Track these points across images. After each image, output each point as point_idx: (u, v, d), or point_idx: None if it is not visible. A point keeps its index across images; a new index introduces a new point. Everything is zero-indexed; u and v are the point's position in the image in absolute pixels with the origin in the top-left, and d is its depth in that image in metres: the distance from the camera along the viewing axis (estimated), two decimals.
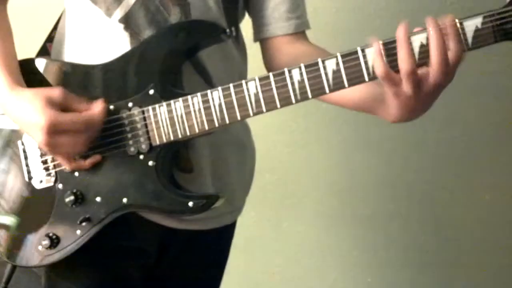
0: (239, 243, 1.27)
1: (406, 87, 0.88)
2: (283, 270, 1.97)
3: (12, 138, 1.08)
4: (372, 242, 1.94)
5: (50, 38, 1.18)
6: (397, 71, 0.89)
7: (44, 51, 1.17)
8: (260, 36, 1.16)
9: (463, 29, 0.87)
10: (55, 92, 0.98)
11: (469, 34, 0.87)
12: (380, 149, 1.87)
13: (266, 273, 1.97)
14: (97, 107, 0.99)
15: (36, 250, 1.05)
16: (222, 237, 1.22)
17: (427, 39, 0.87)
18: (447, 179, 1.89)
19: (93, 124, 0.99)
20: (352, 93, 1.02)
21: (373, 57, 0.89)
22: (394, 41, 0.89)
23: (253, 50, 1.19)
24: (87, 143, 0.99)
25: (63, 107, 0.98)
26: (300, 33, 1.15)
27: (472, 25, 0.86)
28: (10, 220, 1.07)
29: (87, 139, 0.99)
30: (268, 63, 1.17)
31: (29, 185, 1.06)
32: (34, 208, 1.06)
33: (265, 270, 1.97)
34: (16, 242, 1.07)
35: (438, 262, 1.92)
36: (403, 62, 0.87)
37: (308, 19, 1.17)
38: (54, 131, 0.96)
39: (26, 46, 1.13)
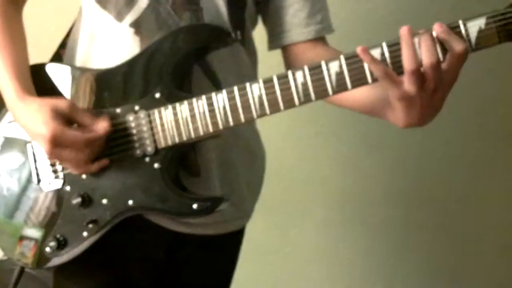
0: (247, 250, 1.26)
1: (409, 87, 0.87)
2: (291, 277, 1.95)
3: (22, 143, 1.09)
4: (382, 249, 1.92)
5: (63, 44, 1.20)
6: (400, 73, 0.88)
7: (57, 57, 1.19)
8: (280, 43, 1.16)
9: (466, 29, 0.86)
10: (63, 104, 1.00)
11: (473, 35, 0.86)
12: (390, 155, 1.85)
13: (274, 281, 1.96)
14: (100, 126, 1.00)
15: (43, 252, 1.06)
16: (231, 243, 1.22)
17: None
18: (459, 186, 1.86)
19: (95, 143, 1.00)
20: (361, 97, 1.02)
21: (368, 65, 0.88)
22: (398, 43, 0.89)
23: (260, 55, 1.20)
24: (90, 158, 1.01)
25: (68, 119, 0.99)
26: (320, 38, 1.15)
27: (475, 25, 0.86)
28: (18, 222, 1.09)
29: (89, 155, 1.01)
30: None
31: (38, 188, 1.08)
32: (42, 210, 1.08)
33: (273, 277, 1.96)
34: (23, 247, 1.08)
35: (450, 270, 1.90)
36: (406, 61, 0.86)
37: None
38: (57, 144, 0.98)
39: (40, 53, 1.15)
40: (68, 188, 1.06)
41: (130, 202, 1.03)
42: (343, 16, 1.71)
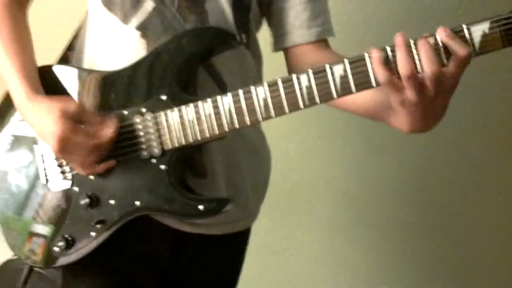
0: (252, 250, 1.27)
1: (409, 93, 0.88)
2: (296, 278, 1.96)
3: (30, 142, 1.10)
4: (386, 250, 1.92)
5: (70, 47, 1.21)
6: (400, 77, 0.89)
7: (64, 60, 1.20)
8: (282, 45, 1.16)
9: (470, 34, 0.86)
10: (71, 106, 1.01)
11: (477, 39, 0.86)
12: (393, 156, 1.86)
13: (279, 281, 1.97)
14: (106, 132, 1.01)
15: (52, 252, 1.08)
16: (236, 243, 1.23)
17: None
18: (462, 187, 1.87)
19: (103, 144, 1.01)
20: (364, 101, 1.02)
21: (373, 66, 0.89)
22: None
23: (265, 57, 1.21)
24: (98, 158, 1.02)
25: (77, 120, 1.00)
26: (322, 40, 1.15)
27: (479, 30, 0.86)
28: (27, 219, 1.10)
29: (98, 155, 1.02)
30: (292, 72, 1.18)
31: (46, 188, 1.09)
32: (50, 208, 1.09)
33: (278, 278, 1.96)
34: (32, 244, 1.10)
35: (453, 270, 1.90)
36: (401, 67, 0.86)
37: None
38: (65, 144, 0.99)
39: (46, 54, 1.16)
40: (76, 188, 1.07)
41: (137, 203, 1.04)
42: (345, 18, 1.71)
